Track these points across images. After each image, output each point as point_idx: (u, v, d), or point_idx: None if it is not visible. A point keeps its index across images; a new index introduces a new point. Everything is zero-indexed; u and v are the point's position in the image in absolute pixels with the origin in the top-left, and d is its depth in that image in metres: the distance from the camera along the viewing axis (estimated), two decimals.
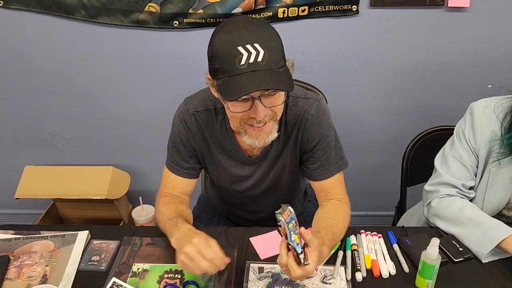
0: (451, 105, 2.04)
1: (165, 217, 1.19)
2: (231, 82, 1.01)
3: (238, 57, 0.99)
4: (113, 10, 1.80)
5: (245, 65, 0.99)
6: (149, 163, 2.24)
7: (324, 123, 1.24)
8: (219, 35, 1.04)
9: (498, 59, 1.91)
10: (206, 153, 1.30)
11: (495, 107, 1.21)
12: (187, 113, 1.25)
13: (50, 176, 2.12)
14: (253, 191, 1.37)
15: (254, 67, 0.99)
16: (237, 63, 0.99)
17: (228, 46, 1.01)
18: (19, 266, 1.15)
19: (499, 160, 1.20)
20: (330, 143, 1.26)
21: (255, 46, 0.99)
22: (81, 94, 2.04)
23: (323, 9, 1.79)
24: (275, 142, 1.26)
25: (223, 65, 1.02)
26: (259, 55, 1.00)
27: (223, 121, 1.25)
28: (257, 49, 1.00)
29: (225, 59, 1.01)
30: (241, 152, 1.28)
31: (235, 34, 1.01)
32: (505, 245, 1.11)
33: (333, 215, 1.21)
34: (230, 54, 1.00)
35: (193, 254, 1.00)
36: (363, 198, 2.31)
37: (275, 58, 1.02)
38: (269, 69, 1.00)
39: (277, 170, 1.32)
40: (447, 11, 1.80)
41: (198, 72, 1.95)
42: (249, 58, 0.99)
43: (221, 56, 1.02)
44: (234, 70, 1.00)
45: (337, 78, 1.96)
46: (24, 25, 1.86)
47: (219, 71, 1.04)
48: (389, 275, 1.12)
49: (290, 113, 1.24)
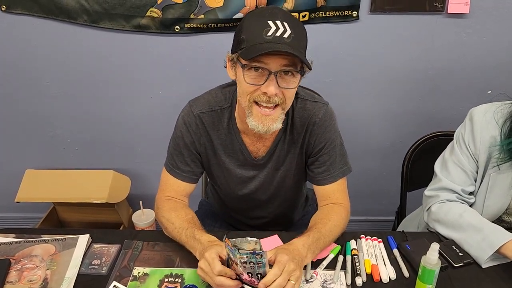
0: (450, 111, 2.04)
1: (176, 225, 1.19)
2: (254, 47, 1.03)
3: (266, 29, 1.03)
4: (115, 15, 1.81)
5: (271, 37, 1.03)
6: (150, 167, 2.24)
7: (331, 127, 1.25)
8: (252, 12, 1.10)
9: (498, 65, 1.92)
10: (211, 155, 1.30)
11: (494, 113, 1.22)
12: (191, 115, 1.25)
13: (51, 179, 2.13)
14: (258, 194, 1.37)
15: (278, 40, 1.02)
16: (264, 34, 1.03)
17: (259, 19, 1.05)
18: (20, 270, 1.15)
19: (499, 165, 1.20)
20: (335, 148, 1.26)
21: (284, 24, 1.03)
22: (82, 98, 2.05)
23: (323, 14, 1.80)
24: (280, 142, 1.27)
25: (249, 35, 1.05)
26: (286, 32, 1.03)
27: (230, 120, 1.25)
28: (285, 27, 1.03)
29: (253, 29, 1.05)
30: (247, 152, 1.28)
31: (268, 11, 1.08)
32: (505, 250, 1.12)
33: (323, 216, 1.22)
34: (259, 25, 1.04)
35: (207, 269, 1.01)
36: (363, 202, 2.31)
37: (301, 43, 1.07)
38: (293, 46, 1.03)
39: (283, 173, 1.32)
40: (446, 17, 1.81)
41: (199, 77, 1.97)
42: (276, 32, 1.03)
43: (250, 26, 1.06)
44: (259, 39, 1.03)
45: (338, 83, 1.97)
46: (26, 30, 1.87)
47: (243, 41, 1.06)
48: (389, 279, 1.12)
49: (298, 115, 1.24)
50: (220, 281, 0.99)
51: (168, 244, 1.23)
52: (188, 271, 1.14)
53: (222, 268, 1.00)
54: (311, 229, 1.17)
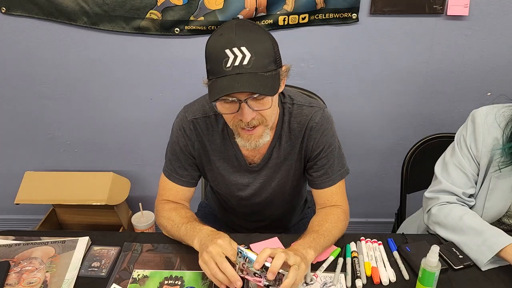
0: (450, 113, 2.04)
1: (176, 222, 1.20)
2: (216, 83, 1.03)
3: (224, 60, 1.01)
4: (115, 17, 1.81)
5: (230, 68, 1.01)
6: (149, 169, 2.24)
7: (328, 131, 1.25)
8: (212, 38, 1.07)
9: (497, 67, 1.92)
10: (205, 161, 1.31)
11: (496, 116, 1.21)
12: (185, 120, 1.26)
13: (50, 181, 2.12)
14: (254, 199, 1.37)
15: (239, 70, 1.01)
16: (224, 65, 1.01)
17: (217, 49, 1.03)
18: (20, 272, 1.15)
19: (500, 168, 1.20)
20: (333, 151, 1.27)
21: (241, 49, 1.01)
22: (82, 100, 2.05)
23: (323, 17, 1.80)
24: (275, 150, 1.27)
25: (212, 66, 1.05)
26: (245, 58, 1.01)
27: (225, 127, 1.25)
28: (244, 53, 1.01)
29: (214, 61, 1.04)
30: (242, 158, 1.28)
31: (225, 37, 1.03)
32: (505, 254, 1.11)
33: (320, 218, 1.23)
34: (218, 56, 1.02)
35: (216, 256, 1.00)
36: (362, 204, 2.31)
37: (263, 62, 1.03)
38: (254, 72, 1.01)
39: (280, 180, 1.33)
40: (446, 19, 1.82)
41: (199, 79, 1.94)
42: (235, 61, 1.01)
43: (211, 58, 1.05)
44: (220, 72, 1.02)
45: (338, 85, 1.97)
46: (26, 32, 1.87)
47: (209, 73, 1.06)
48: (389, 282, 1.12)
49: (295, 121, 1.25)
50: (226, 267, 0.99)
51: (167, 246, 1.23)
52: (188, 273, 1.14)
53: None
54: (307, 231, 1.18)
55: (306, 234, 1.16)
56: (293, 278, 0.96)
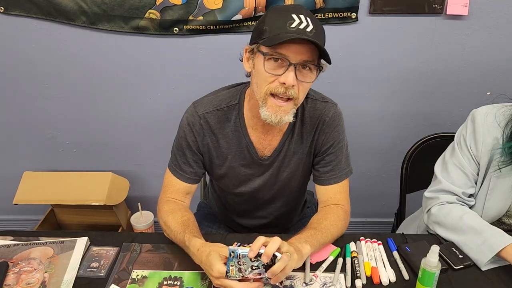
0: (450, 112, 2.04)
1: (171, 228, 1.19)
2: (277, 37, 1.04)
3: (289, 21, 1.04)
4: (114, 17, 1.80)
5: (295, 29, 1.04)
6: (148, 169, 2.23)
7: (339, 128, 1.27)
8: (275, 7, 1.13)
9: (497, 67, 1.92)
10: (215, 155, 1.30)
11: (496, 115, 1.21)
12: (195, 115, 1.25)
13: (49, 181, 2.12)
14: (261, 193, 1.37)
15: (302, 32, 1.04)
16: (288, 25, 1.04)
17: (282, 12, 1.07)
18: (18, 273, 1.14)
19: (500, 168, 1.20)
20: (342, 148, 1.28)
21: (307, 19, 1.05)
22: (81, 99, 2.04)
23: (322, 16, 1.80)
24: (287, 143, 1.27)
25: (273, 25, 1.06)
26: (309, 27, 1.05)
27: (238, 118, 1.25)
28: (308, 22, 1.05)
29: (276, 21, 1.06)
30: (254, 150, 1.28)
31: (292, 6, 1.11)
32: (505, 254, 1.11)
33: (320, 216, 1.23)
34: (282, 17, 1.06)
35: (215, 281, 1.01)
36: (362, 204, 2.30)
37: (322, 39, 1.09)
38: (315, 39, 1.04)
39: (289, 174, 1.33)
40: (446, 19, 1.82)
41: (198, 79, 1.97)
42: (300, 25, 1.04)
43: (273, 19, 1.07)
44: (283, 30, 1.04)
45: (337, 85, 1.97)
46: (25, 31, 1.86)
47: (265, 32, 1.07)
48: (389, 282, 1.11)
49: (308, 115, 1.26)
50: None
51: (167, 247, 1.22)
52: (187, 273, 1.14)
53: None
54: (306, 227, 1.19)
55: (304, 230, 1.17)
56: (283, 263, 0.96)
